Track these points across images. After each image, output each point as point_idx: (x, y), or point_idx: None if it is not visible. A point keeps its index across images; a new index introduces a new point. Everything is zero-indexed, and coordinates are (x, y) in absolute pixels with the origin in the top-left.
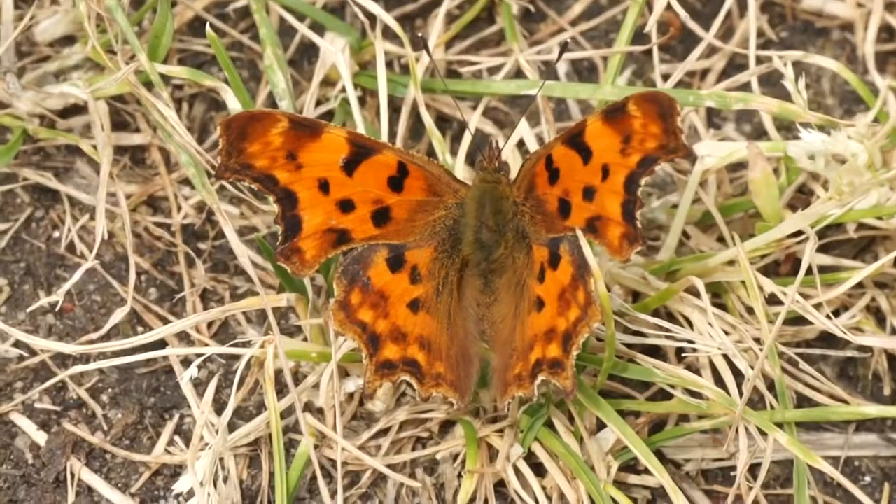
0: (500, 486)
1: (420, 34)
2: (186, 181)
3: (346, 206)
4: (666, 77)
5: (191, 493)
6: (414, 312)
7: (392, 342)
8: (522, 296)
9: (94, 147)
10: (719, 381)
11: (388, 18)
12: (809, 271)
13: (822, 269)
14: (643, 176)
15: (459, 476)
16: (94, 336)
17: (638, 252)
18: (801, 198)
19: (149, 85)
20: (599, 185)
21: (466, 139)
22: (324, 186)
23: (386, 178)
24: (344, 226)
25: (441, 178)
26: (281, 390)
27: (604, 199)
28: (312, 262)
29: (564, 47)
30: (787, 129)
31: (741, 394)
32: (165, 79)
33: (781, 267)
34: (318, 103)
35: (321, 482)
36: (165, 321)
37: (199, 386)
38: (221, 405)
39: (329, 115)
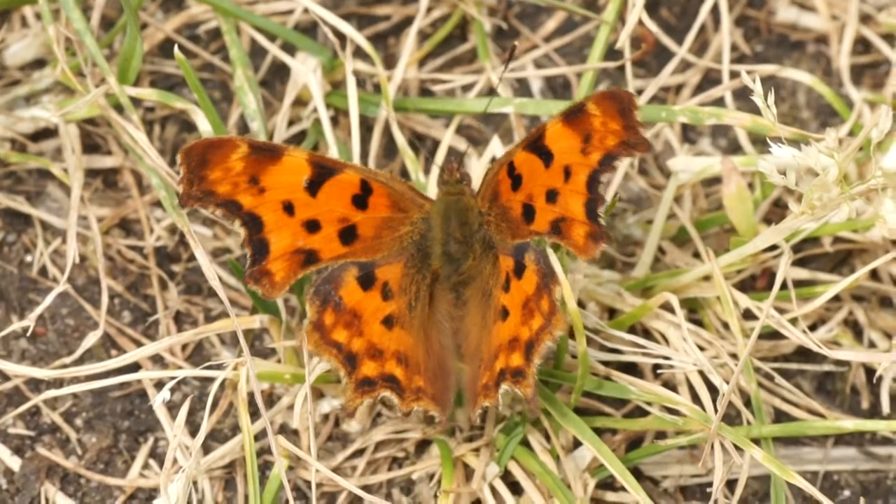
0: None
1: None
2: (159, 203)
3: (313, 226)
4: (640, 92)
5: None
6: (388, 329)
7: (369, 359)
8: (490, 306)
9: (65, 171)
10: (697, 398)
11: (358, 38)
12: (785, 285)
13: (799, 283)
14: (604, 173)
15: (436, 496)
16: (67, 360)
17: (614, 268)
18: (778, 211)
19: (119, 108)
20: (562, 186)
21: (440, 158)
22: (288, 208)
23: (350, 197)
24: (311, 246)
25: (405, 194)
26: (255, 412)
27: (567, 200)
28: (282, 283)
29: (512, 51)
30: (763, 143)
31: (717, 410)
32: (136, 101)
33: (757, 281)
34: (291, 123)
35: None
36: (139, 344)
37: (174, 409)
38: (196, 428)
39: (301, 136)
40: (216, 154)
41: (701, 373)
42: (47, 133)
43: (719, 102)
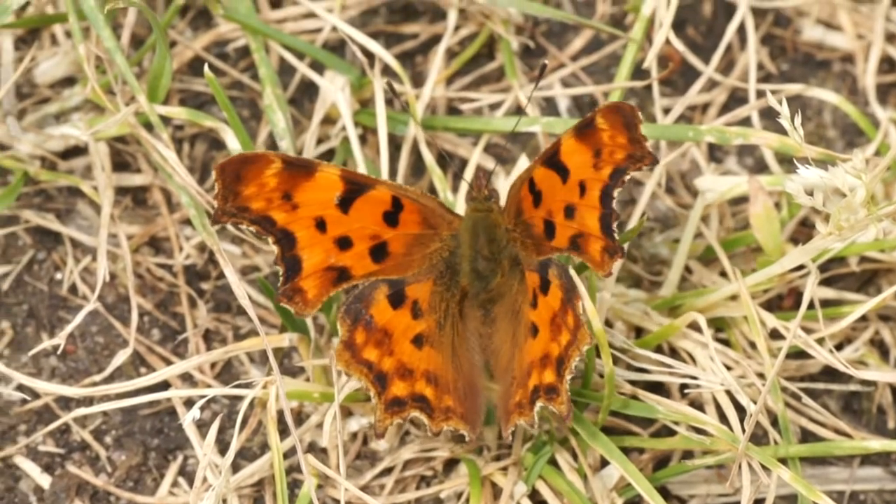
0: None
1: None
2: (188, 221)
3: (344, 243)
4: (667, 111)
5: None
6: (418, 348)
7: (399, 379)
8: (520, 323)
9: (95, 188)
10: (724, 417)
11: (387, 56)
12: (812, 305)
13: (826, 303)
14: (616, 188)
15: None
16: (97, 378)
17: (640, 287)
18: (805, 230)
19: (149, 126)
20: (578, 201)
21: (468, 175)
22: (321, 225)
23: (381, 214)
24: (343, 263)
25: (435, 211)
26: (284, 430)
27: (583, 215)
28: (315, 301)
29: (543, 70)
30: (790, 162)
31: (744, 429)
32: (166, 119)
33: (784, 301)
34: (319, 142)
35: None
36: (168, 362)
37: (203, 427)
38: (225, 446)
39: (330, 154)
40: (251, 170)
41: (728, 392)
42: (77, 151)
43: (746, 121)
